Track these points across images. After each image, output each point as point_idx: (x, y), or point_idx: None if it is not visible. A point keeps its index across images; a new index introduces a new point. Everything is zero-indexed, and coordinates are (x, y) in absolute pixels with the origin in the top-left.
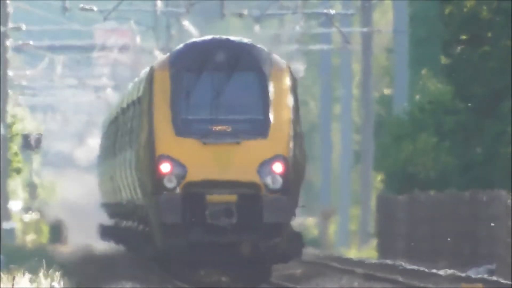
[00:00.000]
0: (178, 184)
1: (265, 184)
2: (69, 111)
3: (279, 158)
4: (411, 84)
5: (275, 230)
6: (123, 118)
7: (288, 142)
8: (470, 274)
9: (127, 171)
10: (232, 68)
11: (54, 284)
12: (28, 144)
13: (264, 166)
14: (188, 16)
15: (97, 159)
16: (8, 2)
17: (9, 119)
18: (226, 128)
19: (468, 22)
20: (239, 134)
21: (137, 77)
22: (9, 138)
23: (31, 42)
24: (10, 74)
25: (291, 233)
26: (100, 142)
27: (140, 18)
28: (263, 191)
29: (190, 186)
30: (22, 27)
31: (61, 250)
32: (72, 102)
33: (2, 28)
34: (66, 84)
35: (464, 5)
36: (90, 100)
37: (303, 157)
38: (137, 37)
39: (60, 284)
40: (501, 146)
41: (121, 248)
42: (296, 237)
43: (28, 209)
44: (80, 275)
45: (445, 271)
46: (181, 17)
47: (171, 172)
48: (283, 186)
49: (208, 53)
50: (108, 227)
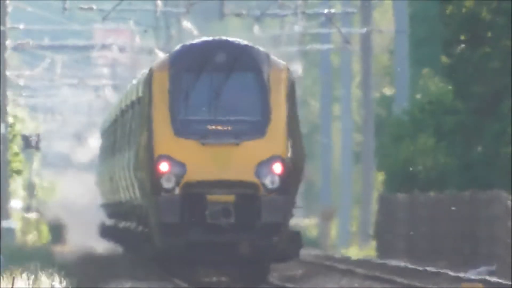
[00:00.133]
0: (177, 184)
1: (264, 184)
2: (69, 111)
3: (278, 159)
4: (412, 84)
5: (273, 230)
6: (122, 119)
7: (286, 143)
8: (470, 275)
9: (127, 172)
10: (231, 69)
11: (55, 284)
12: (29, 144)
13: (263, 166)
14: (188, 16)
15: (97, 159)
16: (8, 2)
17: (10, 120)
18: (225, 129)
19: (468, 22)
20: (238, 135)
21: (136, 78)
22: (10, 139)
23: (31, 42)
24: (8, 74)
25: (290, 233)
26: (100, 143)
27: (140, 18)
28: (261, 191)
29: (189, 186)
30: (20, 27)
31: (61, 250)
32: (72, 102)
33: (2, 28)
34: (66, 84)
35: (464, 5)
36: (90, 100)
37: (302, 157)
38: (137, 37)
39: (61, 284)
40: (501, 146)
41: (121, 248)
42: (295, 237)
43: (28, 208)
44: (80, 275)
45: (445, 271)
46: (181, 17)
47: (170, 172)
48: (281, 186)
49: (207, 54)
50: (109, 227)
